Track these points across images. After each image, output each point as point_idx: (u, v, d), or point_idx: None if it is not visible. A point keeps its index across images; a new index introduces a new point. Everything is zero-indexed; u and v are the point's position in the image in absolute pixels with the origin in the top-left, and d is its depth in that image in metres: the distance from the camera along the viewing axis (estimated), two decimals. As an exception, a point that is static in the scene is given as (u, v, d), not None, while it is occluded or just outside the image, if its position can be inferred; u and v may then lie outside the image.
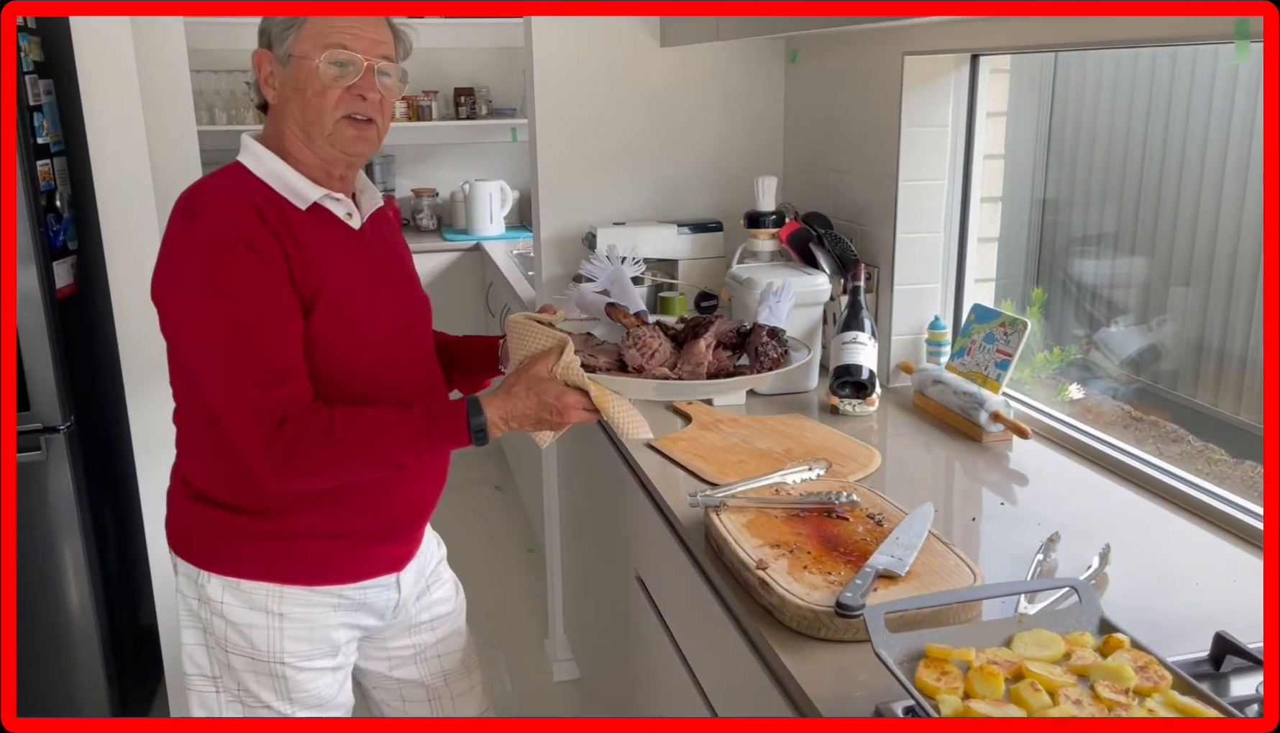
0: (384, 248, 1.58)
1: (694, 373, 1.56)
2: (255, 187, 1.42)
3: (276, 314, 1.37)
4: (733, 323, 1.68)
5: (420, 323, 1.64)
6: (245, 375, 1.34)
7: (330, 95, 1.40)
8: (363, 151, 1.46)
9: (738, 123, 2.63)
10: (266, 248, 1.36)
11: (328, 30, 1.40)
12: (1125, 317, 2.12)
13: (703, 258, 2.52)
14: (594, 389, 1.42)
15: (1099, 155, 2.18)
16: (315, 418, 1.36)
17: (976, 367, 2.01)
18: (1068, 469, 1.77)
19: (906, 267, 2.17)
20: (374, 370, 1.49)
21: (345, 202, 1.49)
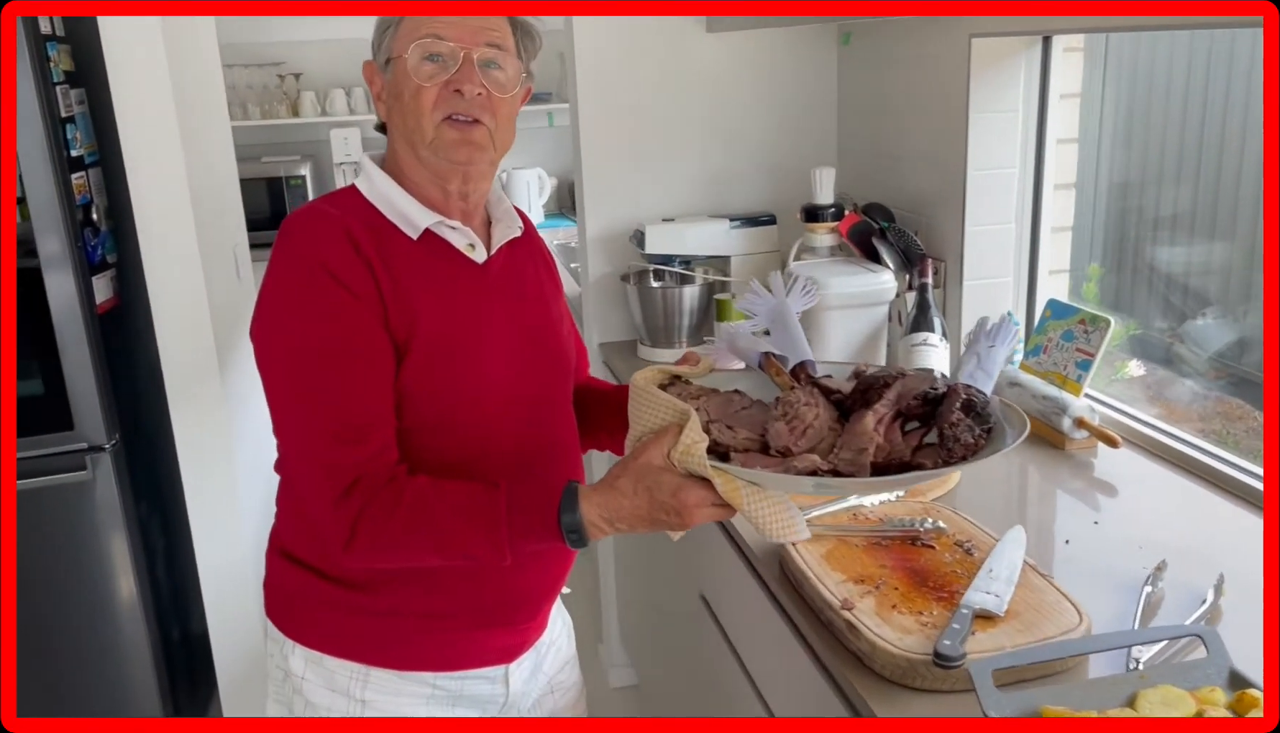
0: (515, 287, 1.35)
1: (854, 463, 1.12)
2: (362, 212, 1.25)
3: (361, 358, 1.18)
4: (922, 380, 1.21)
5: (553, 380, 1.38)
6: (319, 425, 1.18)
7: (426, 95, 1.20)
8: (470, 158, 1.24)
9: (788, 110, 2.52)
10: (356, 280, 1.18)
11: (422, 21, 1.22)
12: (1211, 308, 1.99)
13: (756, 253, 2.42)
14: (720, 481, 1.10)
15: (1177, 135, 2.04)
16: (388, 487, 1.17)
17: (1054, 366, 1.90)
18: (1162, 480, 1.66)
19: (976, 260, 2.06)
20: (478, 433, 1.27)
21: (464, 231, 1.28)
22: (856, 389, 1.22)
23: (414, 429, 1.23)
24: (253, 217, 3.25)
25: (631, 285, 2.41)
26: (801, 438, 1.18)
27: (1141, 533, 1.47)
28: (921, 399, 1.17)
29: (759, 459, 1.15)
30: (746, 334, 1.38)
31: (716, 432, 1.19)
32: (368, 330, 1.19)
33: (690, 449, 1.11)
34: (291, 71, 4.53)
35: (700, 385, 1.29)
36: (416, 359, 1.22)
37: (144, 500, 2.40)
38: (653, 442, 1.14)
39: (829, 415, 1.21)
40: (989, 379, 1.23)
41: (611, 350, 2.52)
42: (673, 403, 1.17)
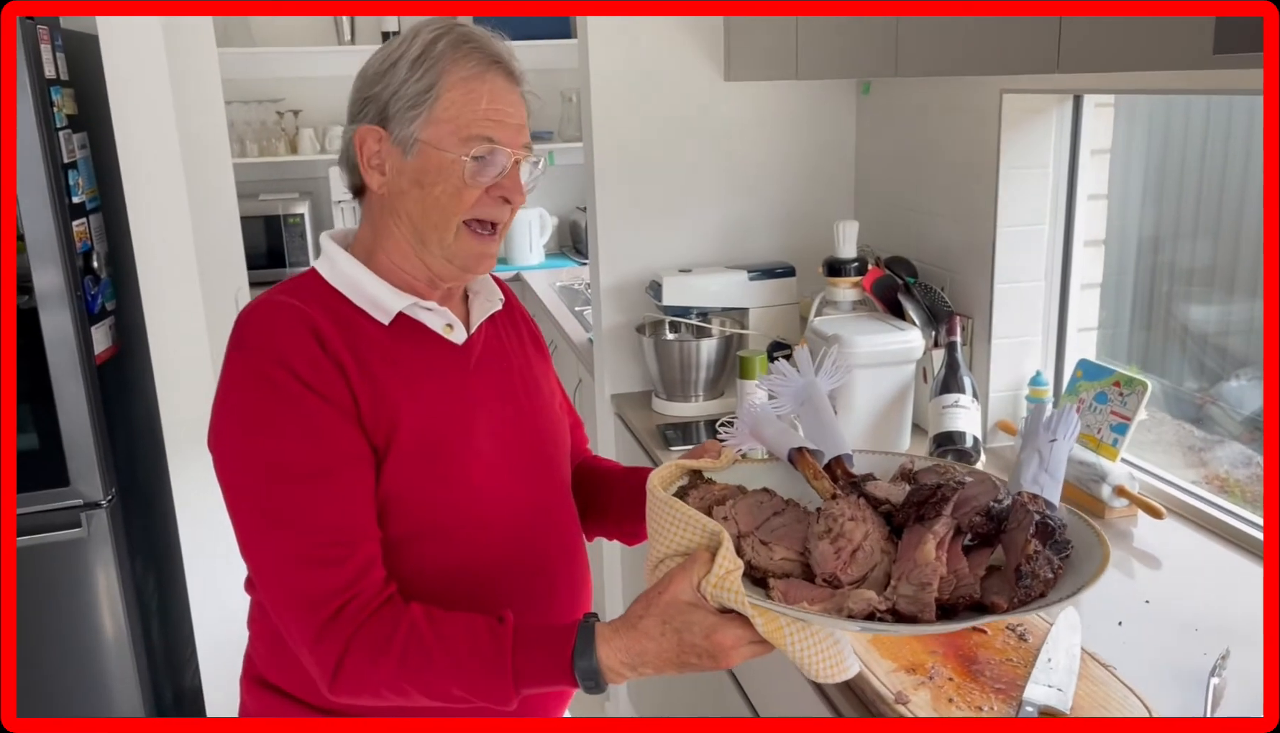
0: (501, 365, 1.24)
1: (917, 602, 0.95)
2: (325, 299, 1.13)
3: (335, 470, 1.05)
4: (983, 489, 1.05)
5: (552, 465, 1.27)
6: (292, 550, 1.03)
7: (467, 196, 1.10)
8: (484, 269, 1.17)
9: (806, 159, 2.47)
10: (324, 381, 1.05)
11: (471, 117, 1.09)
12: (1245, 369, 1.94)
13: (774, 305, 2.36)
14: (762, 621, 0.96)
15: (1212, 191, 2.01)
16: (376, 619, 1.03)
17: (1087, 429, 1.85)
18: (1208, 552, 1.60)
19: (1005, 317, 2.01)
20: (473, 534, 1.16)
21: (441, 311, 1.18)
22: (909, 501, 1.05)
23: (402, 539, 1.11)
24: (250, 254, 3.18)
25: (647, 337, 2.35)
26: (850, 564, 1.01)
27: (1196, 613, 1.41)
28: (984, 514, 1.01)
29: (803, 590, 1.01)
30: (773, 418, 1.21)
31: (750, 551, 1.05)
32: (340, 437, 1.06)
33: (724, 581, 0.97)
34: (290, 108, 4.48)
35: (724, 483, 1.15)
36: (399, 461, 1.09)
37: (139, 557, 2.31)
38: (680, 572, 1.00)
39: (879, 533, 1.05)
40: (1055, 485, 1.05)
41: (624, 402, 2.46)
42: (700, 521, 1.02)
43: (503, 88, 1.12)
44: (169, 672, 2.49)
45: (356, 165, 1.15)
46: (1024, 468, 1.07)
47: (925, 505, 1.03)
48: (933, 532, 0.99)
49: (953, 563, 0.98)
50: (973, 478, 1.08)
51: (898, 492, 1.08)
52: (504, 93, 1.12)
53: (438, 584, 1.12)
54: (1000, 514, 1.01)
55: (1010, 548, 0.98)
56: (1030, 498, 1.02)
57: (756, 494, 1.12)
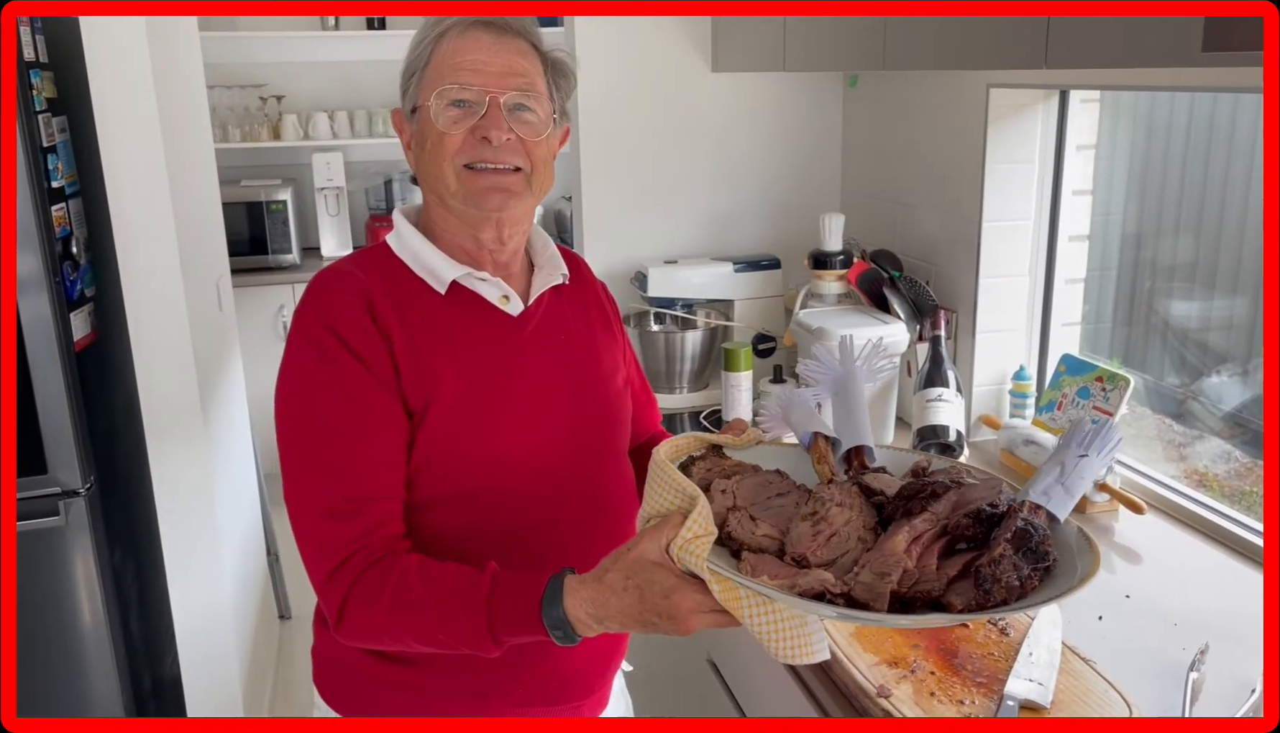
0: (557, 338, 1.25)
1: (871, 590, 0.93)
2: (390, 270, 1.19)
3: (362, 429, 1.11)
4: (983, 492, 1.02)
5: (603, 439, 1.27)
6: (313, 498, 1.11)
7: (449, 142, 1.14)
8: (502, 205, 1.16)
9: (792, 151, 2.47)
10: (364, 343, 1.12)
11: (445, 68, 1.15)
12: (1227, 365, 1.96)
13: (760, 297, 2.36)
14: (719, 587, 0.95)
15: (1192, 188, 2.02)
16: (375, 569, 1.09)
17: (1069, 423, 1.86)
18: (1188, 547, 1.61)
19: (989, 312, 2.02)
20: (510, 503, 1.18)
21: (495, 283, 1.21)
22: (900, 494, 1.04)
23: (436, 502, 1.16)
24: (232, 241, 3.16)
25: (632, 328, 2.34)
26: (824, 546, 0.99)
27: (1175, 608, 1.42)
28: (974, 518, 0.98)
29: (769, 565, 0.98)
30: (806, 404, 1.19)
31: (735, 523, 1.04)
32: (372, 400, 1.12)
33: (690, 544, 0.96)
34: (274, 94, 4.45)
35: (739, 460, 1.15)
36: (434, 427, 1.14)
37: (118, 546, 2.29)
38: (651, 531, 1.00)
39: (864, 521, 1.02)
40: (1069, 498, 1.00)
41: (608, 393, 2.45)
42: (681, 484, 1.01)
43: (486, 40, 1.15)
44: (148, 660, 2.48)
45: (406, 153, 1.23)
46: (1040, 478, 1.02)
47: (913, 499, 1.02)
48: (910, 526, 0.98)
49: (923, 560, 0.96)
50: (982, 483, 1.05)
51: (898, 486, 1.07)
52: (485, 43, 1.15)
53: (469, 545, 1.14)
54: (992, 519, 0.98)
55: (987, 551, 0.95)
56: (1031, 508, 0.98)
57: (767, 474, 1.12)
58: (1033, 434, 1.87)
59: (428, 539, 1.15)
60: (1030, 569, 0.92)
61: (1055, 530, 0.97)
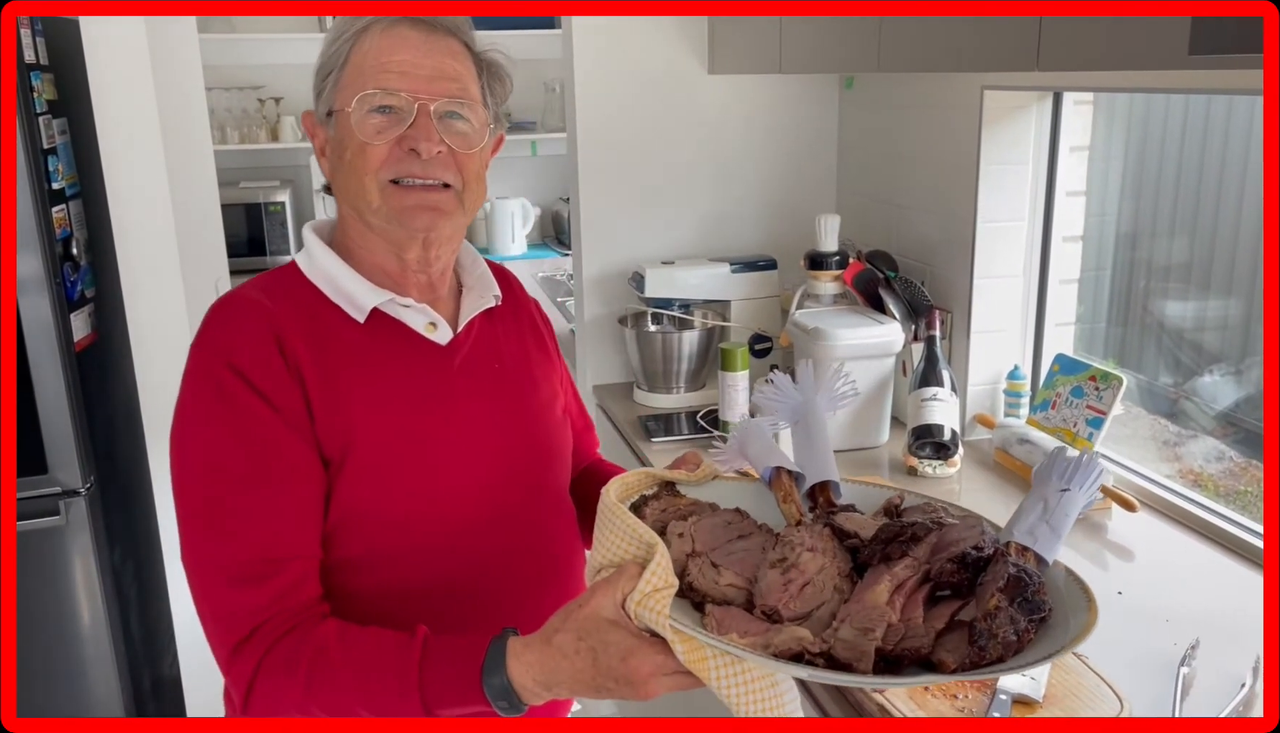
0: (490, 367, 1.15)
1: (854, 648, 0.83)
2: (300, 296, 1.06)
3: (269, 477, 0.98)
4: (966, 534, 0.93)
5: (542, 478, 1.17)
6: (216, 562, 0.97)
7: (372, 153, 1.02)
8: (431, 224, 1.05)
9: (788, 152, 2.49)
10: (271, 382, 0.99)
11: (368, 69, 1.03)
12: (1219, 364, 1.97)
13: (756, 298, 2.38)
14: (682, 647, 0.84)
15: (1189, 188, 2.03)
16: (288, 639, 0.95)
17: (1063, 423, 1.87)
18: (1181, 546, 1.63)
19: (983, 312, 2.03)
20: (443, 556, 1.06)
21: (421, 309, 1.09)
22: (877, 538, 0.94)
23: (359, 560, 1.04)
24: (231, 243, 3.16)
25: (629, 329, 2.36)
26: (796, 598, 0.89)
27: (1168, 605, 1.43)
28: (958, 562, 0.89)
29: (738, 620, 0.88)
30: (764, 435, 1.09)
31: (696, 571, 0.93)
32: (282, 447, 0.99)
33: (649, 600, 0.85)
34: (272, 96, 4.46)
35: (695, 498, 1.05)
36: (354, 475, 1.02)
37: (118, 546, 2.30)
38: (604, 585, 0.89)
39: (838, 567, 0.93)
40: (1056, 539, 0.92)
41: (606, 393, 2.46)
42: (637, 531, 0.90)
43: (414, 40, 1.04)
44: (148, 660, 2.49)
45: (318, 157, 1.11)
46: (1023, 515, 0.95)
47: (892, 544, 0.92)
48: (891, 574, 0.89)
49: (908, 611, 0.87)
50: (961, 521, 0.97)
51: (871, 526, 0.97)
52: (414, 43, 1.03)
53: (399, 606, 1.03)
54: (977, 564, 0.89)
55: (978, 602, 0.86)
56: (1018, 550, 0.90)
57: (726, 514, 1.02)
58: (1027, 433, 1.89)
59: (349, 602, 1.03)
60: (1027, 621, 0.83)
61: (1044, 574, 0.90)
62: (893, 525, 0.95)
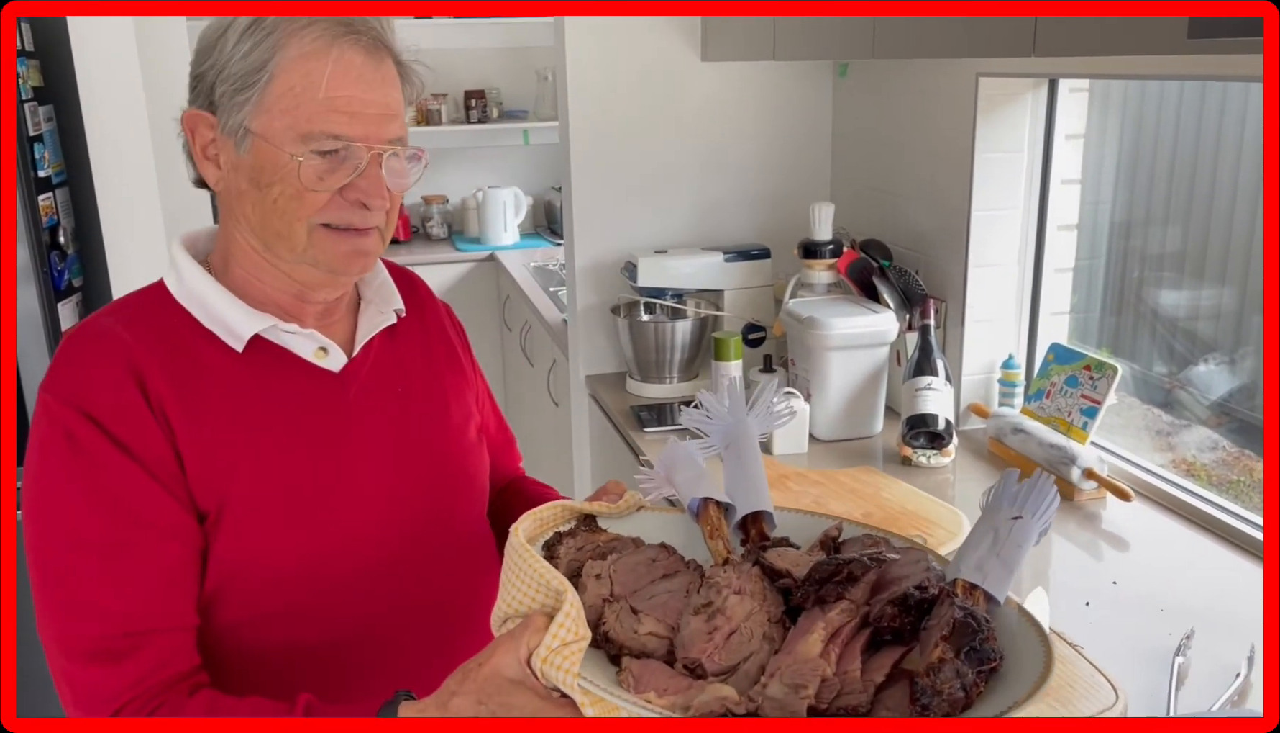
0: (394, 394, 1.04)
1: (783, 707, 0.75)
2: (165, 322, 0.94)
3: (131, 539, 0.87)
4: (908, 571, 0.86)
5: (452, 517, 1.07)
6: (72, 637, 0.87)
7: (311, 201, 0.91)
8: (361, 270, 0.97)
9: (782, 141, 2.47)
10: (135, 434, 0.88)
11: (311, 107, 0.89)
12: (1214, 353, 1.97)
13: (749, 287, 2.37)
14: (593, 709, 0.76)
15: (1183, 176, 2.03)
16: (153, 718, 0.86)
17: (1058, 412, 1.87)
18: (1175, 535, 1.63)
19: (978, 301, 2.02)
20: (342, 610, 0.96)
21: (307, 334, 0.98)
22: (810, 578, 0.84)
23: (245, 623, 0.94)
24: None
25: (622, 318, 2.34)
26: (721, 649, 0.80)
27: (1162, 594, 1.43)
28: (898, 604, 0.80)
29: (657, 676, 0.79)
30: (694, 460, 1.00)
31: (612, 618, 0.83)
32: (145, 505, 0.88)
33: (556, 656, 0.76)
34: (262, 83, 4.43)
35: (617, 534, 0.96)
36: (234, 530, 0.91)
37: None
38: (507, 640, 0.79)
39: (768, 612, 0.84)
40: (1006, 574, 0.82)
41: (599, 383, 2.45)
42: (544, 575, 0.80)
43: (357, 64, 0.91)
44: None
45: (190, 153, 0.96)
46: (970, 548, 0.84)
47: (827, 585, 0.83)
48: (825, 620, 0.79)
49: (844, 663, 0.78)
50: (905, 556, 0.88)
51: (807, 563, 0.88)
52: (359, 72, 0.91)
53: (294, 667, 0.95)
54: (921, 605, 0.80)
55: (921, 652, 0.77)
56: (966, 589, 0.80)
57: (650, 550, 0.92)
58: (1021, 423, 1.88)
59: (237, 666, 0.95)
60: (975, 673, 0.74)
61: (994, 614, 0.80)
62: (827, 564, 0.85)
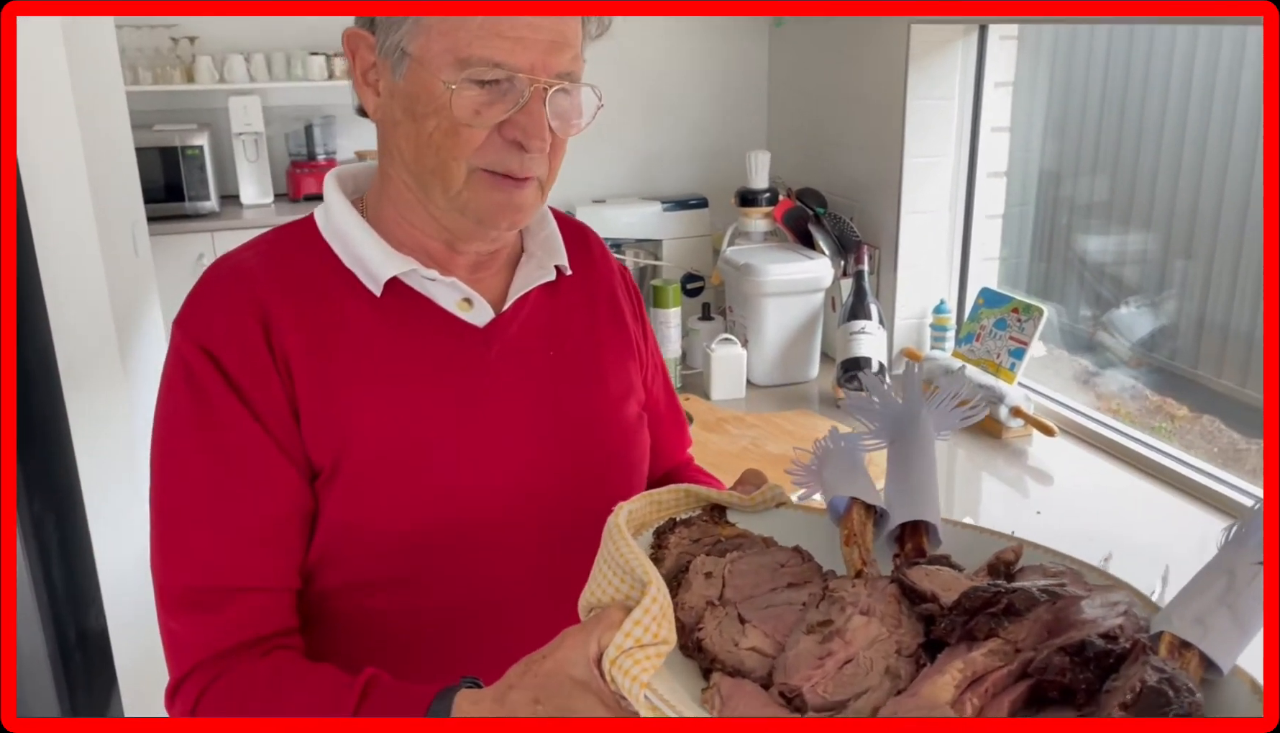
0: (544, 359, 0.93)
1: None
2: (306, 260, 0.88)
3: (235, 490, 0.83)
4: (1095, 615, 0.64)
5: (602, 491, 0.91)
6: (167, 583, 0.84)
7: (468, 137, 0.81)
8: (512, 224, 0.87)
9: (718, 92, 2.48)
10: (250, 373, 0.83)
11: (472, 26, 0.80)
12: (1135, 296, 2.04)
13: (688, 237, 2.38)
14: None
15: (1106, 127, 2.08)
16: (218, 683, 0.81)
17: (986, 354, 1.92)
18: (1096, 468, 1.69)
19: (910, 247, 2.06)
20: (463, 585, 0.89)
21: (449, 283, 0.88)
22: (959, 605, 0.67)
23: (355, 588, 0.88)
24: (147, 188, 3.07)
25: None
26: (831, 678, 0.65)
27: (1086, 524, 1.49)
28: (1074, 654, 0.61)
29: (748, 700, 0.65)
30: (852, 456, 0.84)
31: (712, 626, 0.70)
32: (253, 453, 0.83)
33: (625, 659, 0.64)
34: (186, 35, 4.29)
35: (745, 529, 0.82)
36: (348, 490, 0.85)
37: (37, 497, 2.24)
38: (578, 634, 0.69)
39: (899, 642, 0.68)
40: (1240, 634, 0.62)
41: (538, 335, 2.46)
42: (629, 560, 0.68)
43: None
44: (72, 613, 2.44)
45: (354, 80, 0.89)
46: (1192, 595, 0.65)
47: (979, 616, 0.65)
48: (965, 660, 0.63)
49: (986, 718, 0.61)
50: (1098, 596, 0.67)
51: (961, 589, 0.69)
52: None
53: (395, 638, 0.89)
54: (1104, 660, 0.61)
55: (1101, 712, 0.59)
56: (1174, 646, 0.62)
57: (780, 553, 0.78)
58: (952, 365, 1.93)
59: (337, 633, 0.89)
60: None
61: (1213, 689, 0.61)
62: (984, 590, 0.66)
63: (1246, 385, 1.79)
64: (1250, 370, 1.85)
